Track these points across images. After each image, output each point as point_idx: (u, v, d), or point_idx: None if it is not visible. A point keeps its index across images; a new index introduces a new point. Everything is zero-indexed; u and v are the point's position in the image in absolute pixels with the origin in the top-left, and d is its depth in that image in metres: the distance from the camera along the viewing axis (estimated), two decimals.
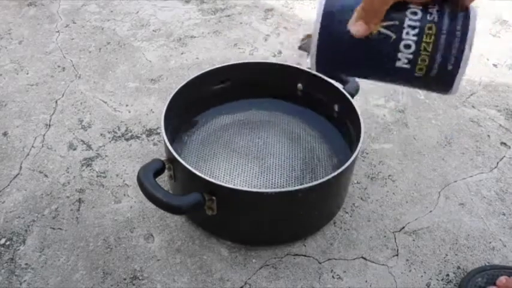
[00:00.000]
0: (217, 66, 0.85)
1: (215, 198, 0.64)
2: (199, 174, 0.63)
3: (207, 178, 0.63)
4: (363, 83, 1.07)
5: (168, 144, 0.68)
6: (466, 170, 0.87)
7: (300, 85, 0.88)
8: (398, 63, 0.38)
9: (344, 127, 0.82)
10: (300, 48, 0.48)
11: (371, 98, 1.04)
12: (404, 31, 0.37)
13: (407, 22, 0.37)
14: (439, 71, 0.38)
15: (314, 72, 0.83)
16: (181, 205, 0.62)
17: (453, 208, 0.80)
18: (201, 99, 0.86)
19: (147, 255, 0.71)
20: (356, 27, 0.38)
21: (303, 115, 0.89)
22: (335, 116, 0.85)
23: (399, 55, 0.38)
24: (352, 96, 0.80)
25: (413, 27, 0.37)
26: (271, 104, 0.91)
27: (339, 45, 0.39)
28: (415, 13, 0.37)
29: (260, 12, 1.34)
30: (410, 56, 0.38)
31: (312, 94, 0.87)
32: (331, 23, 0.39)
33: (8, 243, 0.72)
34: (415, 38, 0.37)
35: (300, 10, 1.35)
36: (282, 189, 0.67)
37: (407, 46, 0.37)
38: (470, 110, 1.02)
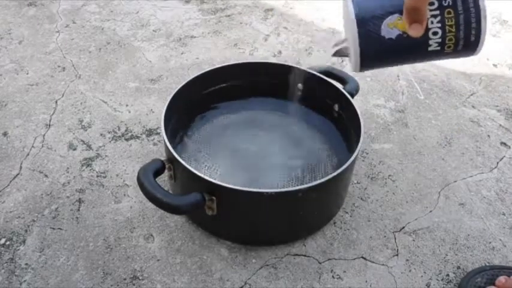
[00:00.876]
0: (217, 66, 0.85)
1: (215, 198, 0.64)
2: (199, 174, 0.63)
3: (207, 178, 0.63)
4: (363, 83, 1.08)
5: (168, 144, 0.68)
6: (466, 170, 0.87)
7: (300, 85, 0.88)
8: (431, 48, 0.44)
9: (344, 127, 0.82)
10: (335, 54, 0.50)
11: (371, 98, 1.04)
12: (429, 21, 0.43)
13: (428, 13, 0.42)
14: (465, 44, 0.44)
15: (314, 72, 0.84)
16: (181, 205, 0.62)
17: (453, 208, 0.80)
18: (201, 99, 0.86)
19: (147, 255, 0.71)
20: (414, 30, 0.42)
21: (303, 115, 0.89)
22: (335, 116, 0.85)
23: (430, 42, 0.43)
24: (352, 96, 0.80)
25: (435, 16, 0.42)
26: (271, 104, 0.91)
27: (378, 45, 0.44)
28: (432, 3, 0.42)
29: (260, 12, 1.34)
30: (440, 40, 0.43)
31: (312, 94, 0.87)
32: (367, 28, 0.44)
33: (8, 243, 0.72)
34: (439, 25, 0.43)
35: (300, 10, 1.35)
36: (282, 189, 0.67)
37: (435, 33, 0.43)
38: (470, 110, 1.02)
